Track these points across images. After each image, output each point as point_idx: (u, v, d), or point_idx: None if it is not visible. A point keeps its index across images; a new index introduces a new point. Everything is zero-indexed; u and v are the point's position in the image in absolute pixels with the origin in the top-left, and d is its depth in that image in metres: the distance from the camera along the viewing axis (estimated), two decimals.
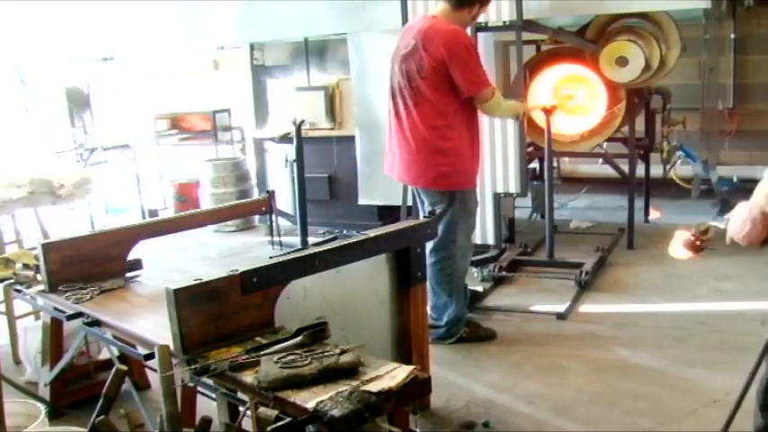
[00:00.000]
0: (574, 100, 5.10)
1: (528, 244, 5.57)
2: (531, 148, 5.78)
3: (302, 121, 5.69)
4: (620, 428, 3.02)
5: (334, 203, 6.58)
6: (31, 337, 3.57)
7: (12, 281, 3.36)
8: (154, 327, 2.61)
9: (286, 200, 6.39)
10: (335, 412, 1.81)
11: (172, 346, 2.27)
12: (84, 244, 3.22)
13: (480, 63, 3.74)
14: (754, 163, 7.32)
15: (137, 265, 3.40)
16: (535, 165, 6.44)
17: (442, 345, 3.86)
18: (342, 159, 6.45)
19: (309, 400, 1.89)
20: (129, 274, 3.32)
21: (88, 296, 3.01)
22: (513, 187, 5.17)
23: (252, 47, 7.01)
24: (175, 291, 2.24)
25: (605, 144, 6.22)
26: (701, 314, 4.23)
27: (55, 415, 3.26)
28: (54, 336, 3.30)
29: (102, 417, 2.50)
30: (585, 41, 5.38)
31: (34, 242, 3.57)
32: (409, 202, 4.59)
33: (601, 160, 6.77)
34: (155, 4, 6.79)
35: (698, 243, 2.25)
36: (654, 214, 6.46)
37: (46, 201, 4.72)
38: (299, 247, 5.23)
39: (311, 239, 5.63)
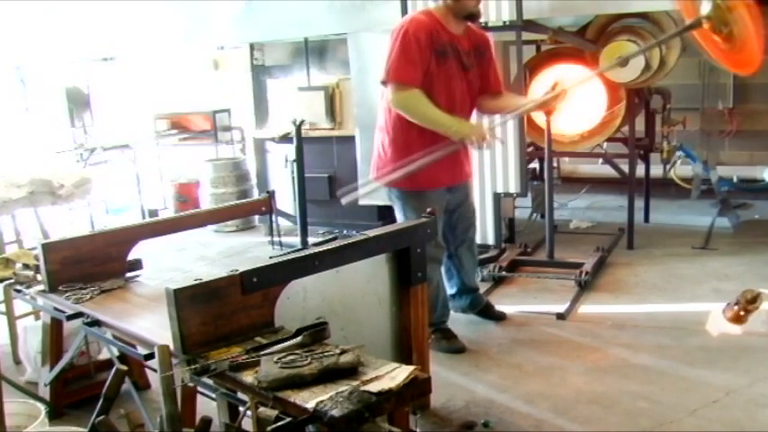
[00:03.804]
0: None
1: (528, 244, 5.57)
2: (531, 148, 5.78)
3: (302, 121, 5.69)
4: (620, 428, 3.02)
5: (334, 203, 6.57)
6: (31, 337, 3.57)
7: (12, 281, 3.36)
8: (154, 327, 2.61)
9: (286, 200, 6.39)
10: (335, 412, 1.81)
11: (172, 346, 2.27)
12: (84, 244, 3.22)
13: (406, 54, 3.39)
14: (754, 163, 7.33)
15: (137, 265, 3.40)
16: (535, 165, 6.45)
17: None
18: (342, 159, 6.45)
19: (309, 400, 1.89)
20: (129, 274, 3.31)
21: (88, 296, 3.01)
22: (513, 187, 5.17)
23: (252, 47, 7.01)
24: (175, 291, 2.24)
25: (605, 144, 6.23)
26: (701, 314, 4.23)
27: (55, 415, 3.26)
28: (54, 336, 3.30)
29: (102, 417, 2.50)
30: (585, 41, 5.38)
31: (34, 242, 3.58)
32: None
33: (601, 160, 6.78)
34: (155, 4, 6.80)
35: (742, 314, 2.14)
36: None
37: (46, 201, 4.72)
38: (299, 247, 5.24)
39: (311, 239, 5.63)
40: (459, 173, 3.82)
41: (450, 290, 4.16)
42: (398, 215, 3.79)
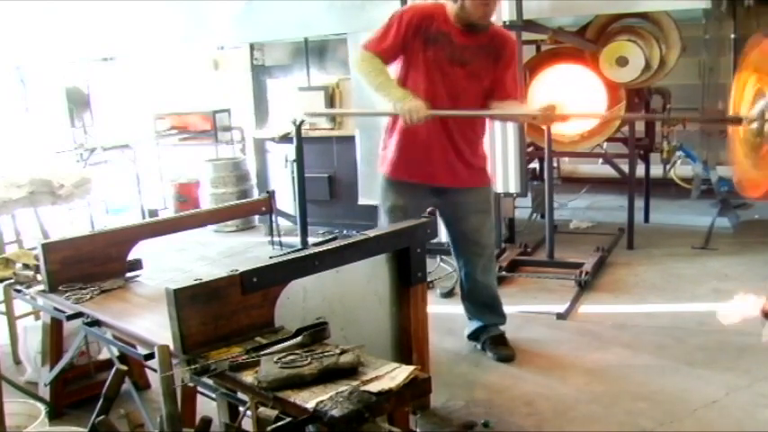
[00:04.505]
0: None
1: (528, 244, 5.57)
2: (531, 148, 5.79)
3: (302, 121, 5.69)
4: (620, 428, 3.02)
5: (334, 203, 6.58)
6: (31, 337, 3.57)
7: (12, 281, 3.36)
8: (154, 327, 2.60)
9: (286, 200, 6.39)
10: (335, 412, 1.81)
11: (172, 346, 2.27)
12: (84, 244, 3.21)
13: (386, 28, 3.44)
14: None
15: (137, 265, 3.39)
16: (535, 165, 6.45)
17: (442, 345, 3.85)
18: (342, 159, 6.45)
19: (309, 400, 1.89)
20: (129, 274, 3.31)
21: (88, 296, 3.01)
22: (513, 187, 5.18)
23: (252, 47, 7.01)
24: (175, 291, 2.24)
25: (605, 144, 6.23)
26: (701, 314, 4.23)
27: (55, 415, 3.25)
28: (54, 336, 3.29)
29: (102, 417, 2.50)
30: (585, 41, 5.38)
31: (34, 242, 3.57)
32: None
33: (601, 160, 6.78)
34: (155, 4, 6.80)
35: None
36: None
37: (46, 201, 4.72)
38: (299, 247, 5.22)
39: (311, 239, 5.63)
40: (446, 175, 3.55)
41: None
42: None
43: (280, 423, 1.88)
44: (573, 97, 5.46)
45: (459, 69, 3.46)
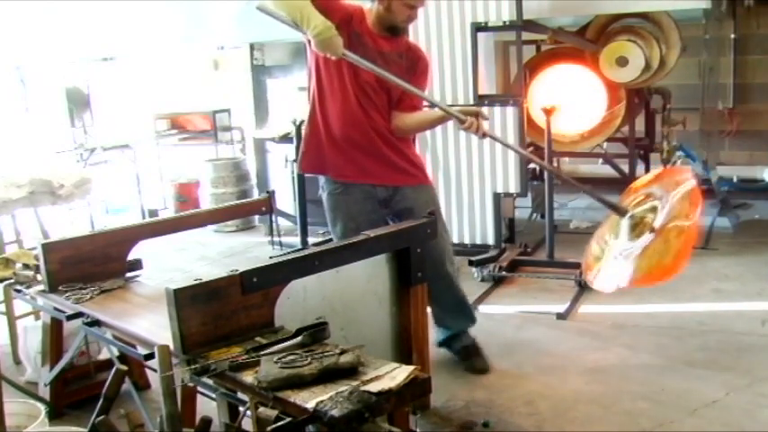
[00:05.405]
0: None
1: (528, 244, 5.57)
2: (531, 149, 5.78)
3: (302, 121, 5.68)
4: (620, 428, 3.02)
5: None
6: (31, 337, 3.57)
7: (12, 281, 3.36)
8: (154, 327, 2.60)
9: (286, 200, 6.39)
10: (335, 412, 1.81)
11: (172, 346, 2.27)
12: (84, 244, 3.21)
13: None
14: (754, 163, 7.34)
15: (137, 265, 3.39)
16: (535, 165, 6.44)
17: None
18: None
19: (309, 400, 1.89)
20: (129, 274, 3.31)
21: (88, 296, 3.01)
22: (513, 187, 5.18)
23: (252, 47, 7.01)
24: (175, 291, 2.24)
25: (605, 144, 6.23)
26: (701, 314, 4.23)
27: (55, 415, 3.25)
28: (54, 336, 3.30)
29: (102, 417, 2.50)
30: (585, 41, 5.39)
31: (34, 242, 3.58)
32: None
33: (601, 160, 6.78)
34: (155, 4, 6.80)
35: None
36: None
37: (46, 201, 4.72)
38: (299, 247, 5.24)
39: (311, 239, 5.63)
40: (378, 171, 3.39)
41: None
42: None
43: (280, 423, 1.87)
44: (573, 97, 5.50)
45: (371, 73, 3.22)
